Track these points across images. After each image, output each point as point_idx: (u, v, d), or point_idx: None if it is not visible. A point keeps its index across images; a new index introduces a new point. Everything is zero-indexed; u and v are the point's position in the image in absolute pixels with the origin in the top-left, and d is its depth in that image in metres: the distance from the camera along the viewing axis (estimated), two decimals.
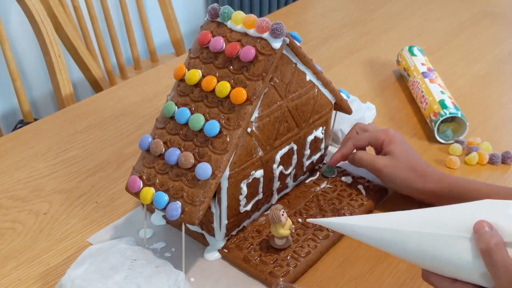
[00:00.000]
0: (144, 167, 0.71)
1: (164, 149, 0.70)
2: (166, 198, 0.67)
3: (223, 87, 0.68)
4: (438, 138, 0.97)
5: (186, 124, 0.70)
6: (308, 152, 0.83)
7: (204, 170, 0.66)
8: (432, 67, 1.10)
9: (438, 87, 1.03)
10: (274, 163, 0.77)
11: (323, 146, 0.88)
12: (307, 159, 0.84)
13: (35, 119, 1.41)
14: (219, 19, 0.73)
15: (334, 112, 0.87)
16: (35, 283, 0.73)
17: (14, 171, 0.92)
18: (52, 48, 1.37)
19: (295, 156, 0.81)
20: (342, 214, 0.79)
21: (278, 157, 0.77)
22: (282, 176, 0.80)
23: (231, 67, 0.70)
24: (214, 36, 0.72)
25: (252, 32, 0.70)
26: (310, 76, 0.78)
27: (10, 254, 0.77)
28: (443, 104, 0.97)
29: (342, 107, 0.86)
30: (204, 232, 0.76)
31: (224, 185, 0.70)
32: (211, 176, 0.66)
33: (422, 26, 1.41)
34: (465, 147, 0.95)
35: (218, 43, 0.71)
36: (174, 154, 0.69)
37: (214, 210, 0.72)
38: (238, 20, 0.71)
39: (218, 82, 0.69)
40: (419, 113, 1.05)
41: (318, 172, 0.88)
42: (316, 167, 0.88)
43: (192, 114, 0.70)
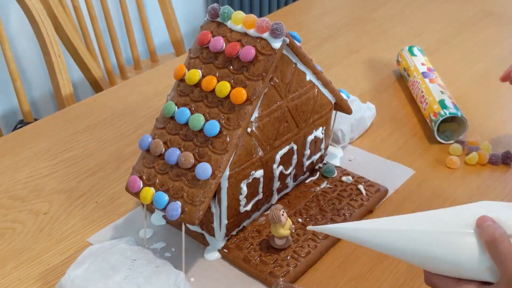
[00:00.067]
0: (144, 167, 0.71)
1: (164, 149, 0.70)
2: (166, 198, 0.67)
3: (223, 87, 0.68)
4: (438, 138, 0.97)
5: (186, 124, 0.70)
6: (308, 152, 0.83)
7: (204, 170, 0.66)
8: (432, 67, 1.10)
9: (438, 87, 1.03)
10: (274, 163, 0.77)
11: (323, 146, 0.88)
12: (307, 159, 0.84)
13: (35, 119, 1.41)
14: (219, 19, 0.73)
15: (334, 112, 0.87)
16: (35, 283, 0.73)
17: (14, 171, 0.92)
18: (52, 48, 1.37)
19: (295, 156, 0.81)
20: (342, 214, 0.79)
21: (278, 157, 0.77)
22: (282, 176, 0.80)
23: (231, 67, 0.70)
24: (214, 36, 0.72)
25: (252, 32, 0.70)
26: (310, 76, 0.78)
27: (10, 254, 0.77)
28: (443, 104, 0.97)
29: (342, 107, 0.86)
30: (204, 232, 0.76)
31: (224, 185, 0.70)
32: (211, 176, 0.66)
33: (422, 26, 1.41)
34: (465, 147, 0.95)
35: (218, 43, 0.71)
36: (174, 154, 0.69)
37: (214, 210, 0.72)
38: (238, 20, 0.71)
39: (218, 82, 0.69)
40: (419, 113, 1.05)
41: (318, 172, 0.88)
42: (316, 167, 0.88)
43: (192, 114, 0.70)
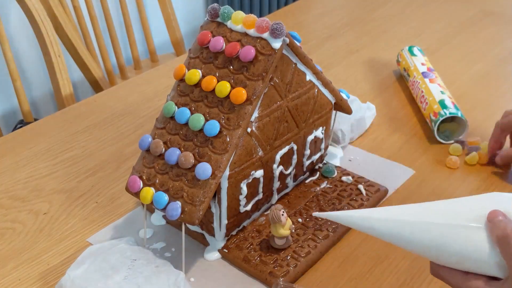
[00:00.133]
0: (144, 167, 0.71)
1: (164, 149, 0.70)
2: (166, 198, 0.67)
3: (223, 87, 0.68)
4: (438, 138, 0.97)
5: (186, 124, 0.70)
6: (308, 152, 0.83)
7: (204, 170, 0.66)
8: (432, 67, 1.10)
9: (438, 87, 1.03)
10: (274, 163, 0.77)
11: (323, 146, 0.88)
12: (307, 159, 0.84)
13: (35, 119, 1.41)
14: (219, 19, 0.73)
15: (334, 112, 0.87)
16: (35, 283, 0.73)
17: (14, 171, 0.92)
18: (52, 48, 1.37)
19: (295, 156, 0.81)
20: None
21: (278, 157, 0.77)
22: (282, 176, 0.80)
23: (231, 67, 0.70)
24: (214, 36, 0.72)
25: (252, 32, 0.70)
26: (310, 76, 0.78)
27: (10, 254, 0.77)
28: (443, 104, 0.97)
29: (342, 107, 0.86)
30: (204, 232, 0.76)
31: (224, 185, 0.70)
32: (211, 176, 0.66)
33: (422, 26, 1.41)
34: (465, 147, 0.95)
35: (218, 43, 0.71)
36: (174, 154, 0.69)
37: (214, 210, 0.72)
38: (238, 20, 0.71)
39: (218, 82, 0.69)
40: (419, 113, 1.05)
41: (318, 172, 0.88)
42: (316, 167, 0.88)
43: (192, 114, 0.70)
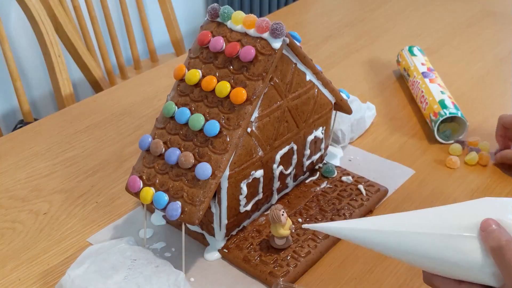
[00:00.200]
0: (144, 167, 0.71)
1: (164, 149, 0.70)
2: (166, 198, 0.67)
3: (223, 87, 0.68)
4: (438, 138, 0.97)
5: (186, 124, 0.70)
6: (308, 152, 0.83)
7: (204, 170, 0.66)
8: (432, 67, 1.10)
9: (438, 87, 1.03)
10: (274, 163, 0.77)
11: (323, 146, 0.88)
12: (307, 159, 0.84)
13: (35, 119, 1.41)
14: (219, 19, 0.73)
15: (334, 112, 0.87)
16: (35, 283, 0.73)
17: (14, 171, 0.92)
18: (52, 48, 1.37)
19: (295, 156, 0.81)
20: (342, 214, 0.79)
21: (278, 157, 0.77)
22: (282, 176, 0.80)
23: (231, 67, 0.70)
24: (214, 36, 0.72)
25: (252, 32, 0.70)
26: (310, 76, 0.78)
27: (10, 254, 0.77)
28: (443, 104, 0.97)
29: (342, 107, 0.86)
30: (204, 232, 0.76)
31: (224, 185, 0.70)
32: (211, 176, 0.66)
33: (422, 26, 1.41)
34: (465, 147, 0.95)
35: (218, 43, 0.71)
36: (174, 154, 0.69)
37: (214, 210, 0.72)
38: (238, 20, 0.71)
39: (218, 82, 0.69)
40: (419, 113, 1.05)
41: (318, 172, 0.88)
42: (316, 167, 0.88)
43: (192, 114, 0.70)
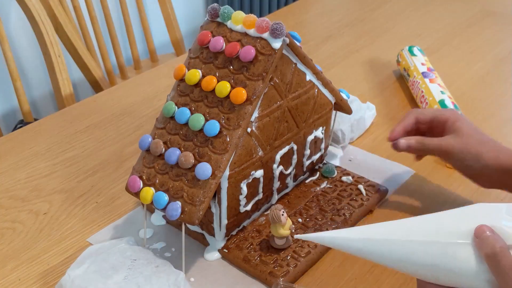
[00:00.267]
0: (144, 167, 0.71)
1: (164, 149, 0.70)
2: (166, 198, 0.67)
3: (223, 87, 0.68)
4: None
5: (186, 124, 0.70)
6: (308, 152, 0.83)
7: (204, 170, 0.66)
8: (432, 67, 1.10)
9: (438, 87, 1.03)
10: (274, 163, 0.77)
11: (323, 146, 0.88)
12: (307, 159, 0.84)
13: (35, 119, 1.41)
14: (219, 19, 0.73)
15: (334, 112, 0.87)
16: (35, 283, 0.73)
17: (14, 171, 0.92)
18: (52, 48, 1.37)
19: (295, 156, 0.81)
20: (342, 214, 0.79)
21: (278, 157, 0.77)
22: (282, 176, 0.80)
23: (231, 67, 0.70)
24: (214, 36, 0.72)
25: (252, 32, 0.70)
26: (310, 76, 0.78)
27: (10, 254, 0.77)
28: (443, 104, 0.97)
29: (342, 107, 0.86)
30: (204, 232, 0.76)
31: (224, 185, 0.70)
32: (211, 176, 0.66)
33: (422, 26, 1.41)
34: None
35: (218, 43, 0.71)
36: (174, 154, 0.69)
37: (214, 210, 0.72)
38: (238, 20, 0.71)
39: (218, 82, 0.69)
40: None
41: (318, 172, 0.88)
42: (316, 167, 0.88)
43: (192, 114, 0.70)
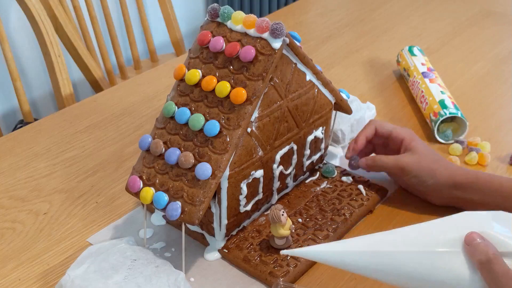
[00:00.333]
0: (144, 167, 0.71)
1: (164, 149, 0.70)
2: (166, 198, 0.67)
3: (223, 87, 0.68)
4: (438, 138, 0.97)
5: (186, 124, 0.70)
6: (308, 152, 0.83)
7: (204, 170, 0.66)
8: (432, 67, 1.10)
9: (438, 87, 1.03)
10: (274, 163, 0.77)
11: (323, 146, 0.88)
12: (307, 159, 0.84)
13: (35, 119, 1.41)
14: (219, 19, 0.73)
15: (334, 112, 0.87)
16: (35, 283, 0.73)
17: (14, 171, 0.92)
18: (52, 48, 1.37)
19: (295, 156, 0.81)
20: (342, 214, 0.79)
21: (278, 157, 0.77)
22: (282, 176, 0.80)
23: (231, 67, 0.70)
24: (214, 36, 0.72)
25: (252, 32, 0.70)
26: (310, 76, 0.78)
27: (10, 254, 0.77)
28: (443, 104, 0.97)
29: (342, 107, 0.86)
30: (204, 232, 0.76)
31: (224, 185, 0.70)
32: (211, 176, 0.66)
33: (422, 26, 1.41)
34: (465, 147, 0.95)
35: (218, 43, 0.71)
36: (174, 154, 0.69)
37: (214, 210, 0.72)
38: (238, 20, 0.71)
39: (218, 82, 0.69)
40: (419, 113, 1.05)
41: (318, 172, 0.88)
42: (316, 167, 0.88)
43: (192, 114, 0.70)
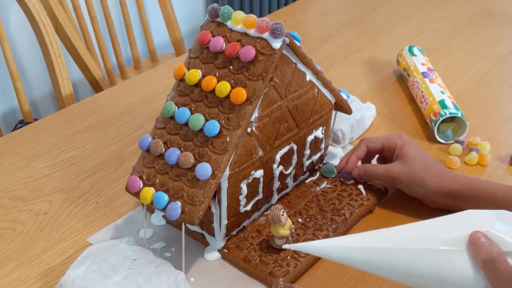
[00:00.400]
0: (144, 167, 0.71)
1: (164, 149, 0.70)
2: (166, 198, 0.67)
3: (223, 87, 0.68)
4: (438, 138, 0.97)
5: (186, 124, 0.70)
6: (308, 152, 0.83)
7: (204, 170, 0.66)
8: (432, 67, 1.10)
9: (438, 87, 1.03)
10: (274, 163, 0.77)
11: (323, 146, 0.88)
12: (307, 159, 0.84)
13: (35, 119, 1.41)
14: (219, 19, 0.73)
15: (334, 112, 0.87)
16: (35, 283, 0.73)
17: (14, 171, 0.92)
18: (52, 48, 1.37)
19: (295, 156, 0.81)
20: (342, 214, 0.79)
21: (278, 157, 0.77)
22: (282, 176, 0.80)
23: (231, 67, 0.70)
24: (214, 36, 0.72)
25: (252, 32, 0.70)
26: (310, 76, 0.78)
27: (10, 254, 0.77)
28: (443, 104, 0.97)
29: (342, 107, 0.86)
30: (204, 232, 0.76)
31: (224, 185, 0.70)
32: (211, 176, 0.66)
33: (422, 26, 1.41)
34: (465, 147, 0.95)
35: (218, 43, 0.71)
36: (174, 154, 0.69)
37: (214, 210, 0.72)
38: (238, 20, 0.71)
39: (218, 82, 0.69)
40: (419, 113, 1.05)
41: (318, 172, 0.88)
42: (316, 167, 0.88)
43: (192, 114, 0.70)
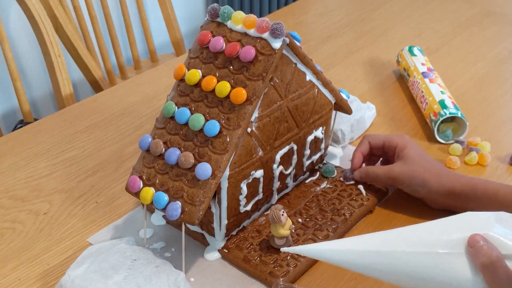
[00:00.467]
0: (144, 167, 0.71)
1: (164, 149, 0.70)
2: (166, 198, 0.67)
3: (223, 87, 0.68)
4: (438, 138, 0.97)
5: (186, 124, 0.70)
6: (308, 152, 0.83)
7: (204, 170, 0.66)
8: (432, 67, 1.10)
9: (438, 87, 1.03)
10: (274, 163, 0.77)
11: (323, 146, 0.88)
12: (307, 159, 0.84)
13: (35, 119, 1.41)
14: (219, 19, 0.73)
15: (334, 112, 0.87)
16: (35, 283, 0.73)
17: (14, 171, 0.92)
18: (52, 48, 1.37)
19: (295, 156, 0.81)
20: (342, 214, 0.79)
21: (278, 157, 0.77)
22: (282, 176, 0.80)
23: (231, 67, 0.70)
24: (214, 36, 0.72)
25: (252, 32, 0.70)
26: (310, 76, 0.78)
27: (10, 254, 0.77)
28: (443, 104, 0.97)
29: (342, 107, 0.86)
30: (204, 232, 0.76)
31: (224, 185, 0.70)
32: (211, 176, 0.66)
33: (422, 26, 1.41)
34: (465, 147, 0.95)
35: (218, 43, 0.71)
36: (174, 154, 0.69)
37: (214, 210, 0.72)
38: (238, 20, 0.71)
39: (218, 82, 0.69)
40: (419, 113, 1.05)
41: (318, 172, 0.88)
42: (316, 167, 0.88)
43: (192, 114, 0.70)
